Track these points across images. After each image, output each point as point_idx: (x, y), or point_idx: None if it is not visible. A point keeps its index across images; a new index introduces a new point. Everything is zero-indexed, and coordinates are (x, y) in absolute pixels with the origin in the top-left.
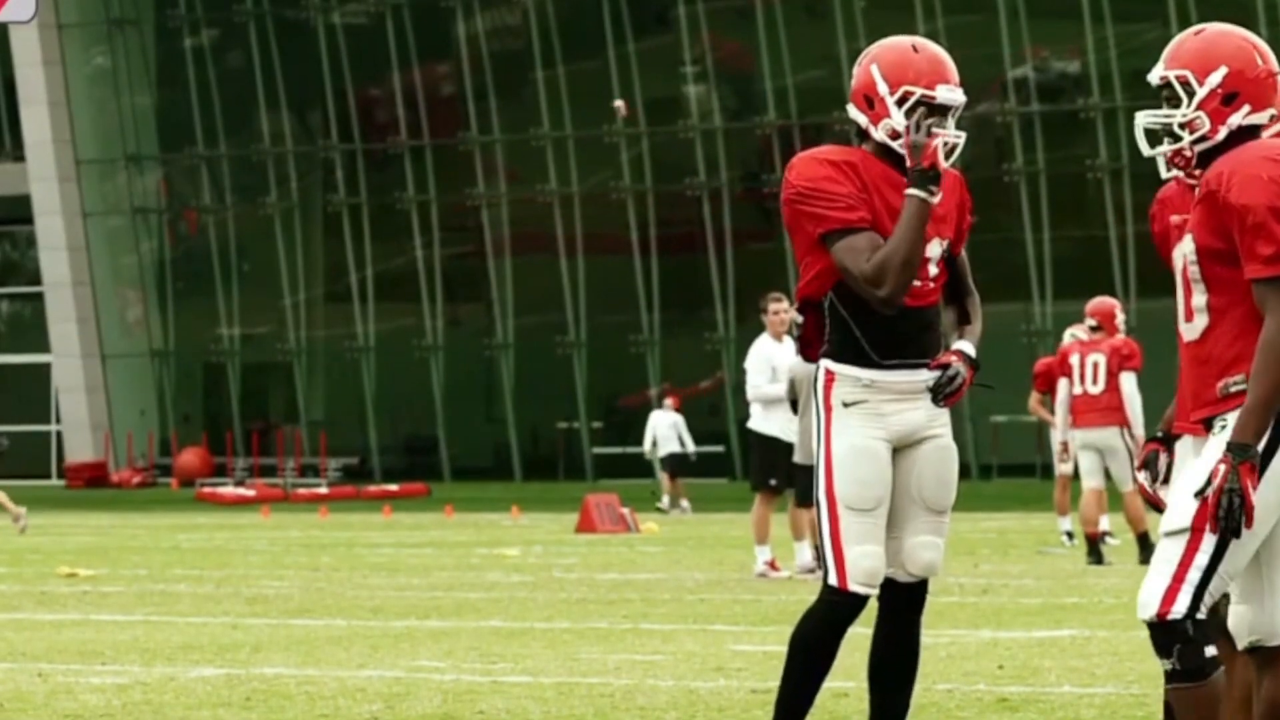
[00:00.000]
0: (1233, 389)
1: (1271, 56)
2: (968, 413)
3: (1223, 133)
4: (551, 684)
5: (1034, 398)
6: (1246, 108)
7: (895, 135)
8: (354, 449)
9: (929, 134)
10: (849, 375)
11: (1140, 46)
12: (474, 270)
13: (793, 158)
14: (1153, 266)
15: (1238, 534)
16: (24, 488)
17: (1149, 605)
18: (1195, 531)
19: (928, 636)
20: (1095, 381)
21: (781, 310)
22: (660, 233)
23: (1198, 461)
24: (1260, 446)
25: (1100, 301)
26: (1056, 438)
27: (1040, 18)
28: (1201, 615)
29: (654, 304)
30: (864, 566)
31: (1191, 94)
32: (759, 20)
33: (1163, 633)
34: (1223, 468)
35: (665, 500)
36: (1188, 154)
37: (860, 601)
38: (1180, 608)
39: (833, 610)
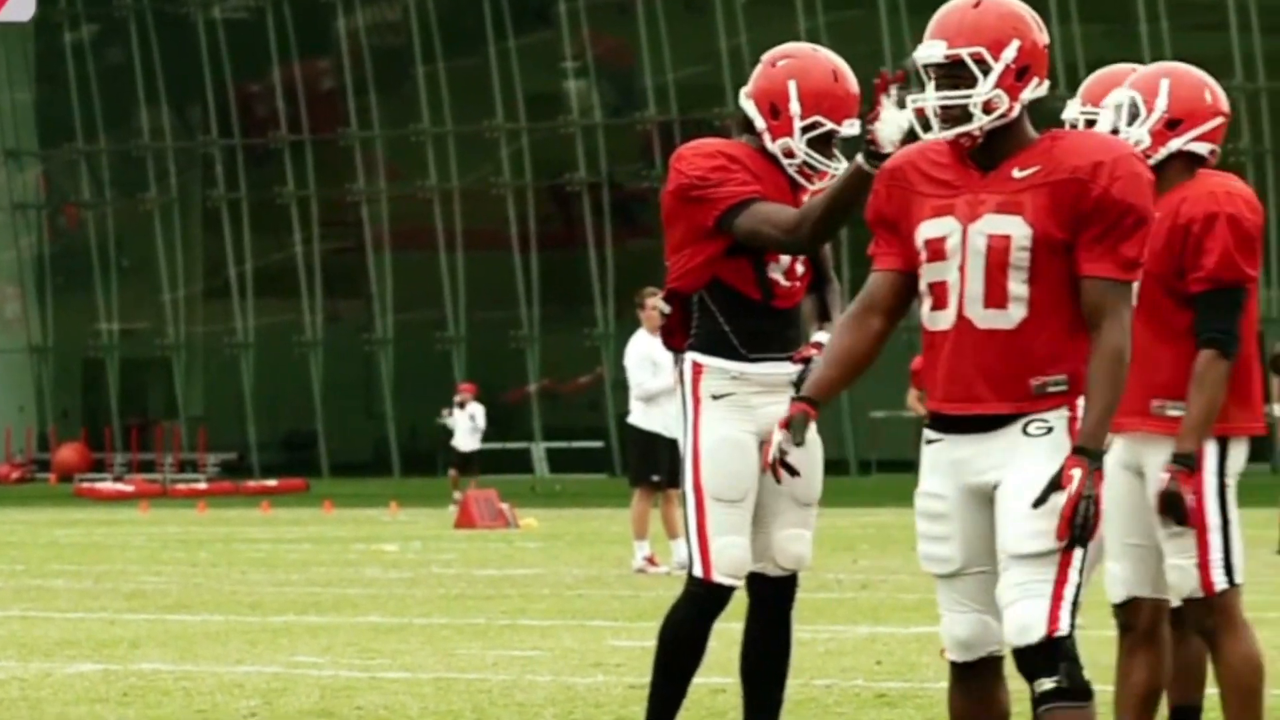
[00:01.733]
0: (1050, 389)
1: (1043, 26)
2: (846, 408)
3: (1017, 108)
4: (429, 680)
5: (912, 394)
6: (1035, 80)
7: (789, 154)
8: (233, 445)
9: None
10: (717, 368)
11: None
12: (353, 266)
13: (679, 149)
14: None
15: (1085, 542)
16: None
17: (1033, 629)
18: (1067, 550)
19: (806, 632)
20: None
21: (658, 306)
22: (540, 228)
23: (1030, 470)
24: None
25: None
26: None
27: (920, 13)
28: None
29: (534, 299)
30: (729, 557)
31: (987, 71)
32: (639, 16)
33: (1050, 651)
34: (1078, 473)
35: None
36: (976, 134)
37: (726, 593)
38: (1065, 625)
39: (698, 602)
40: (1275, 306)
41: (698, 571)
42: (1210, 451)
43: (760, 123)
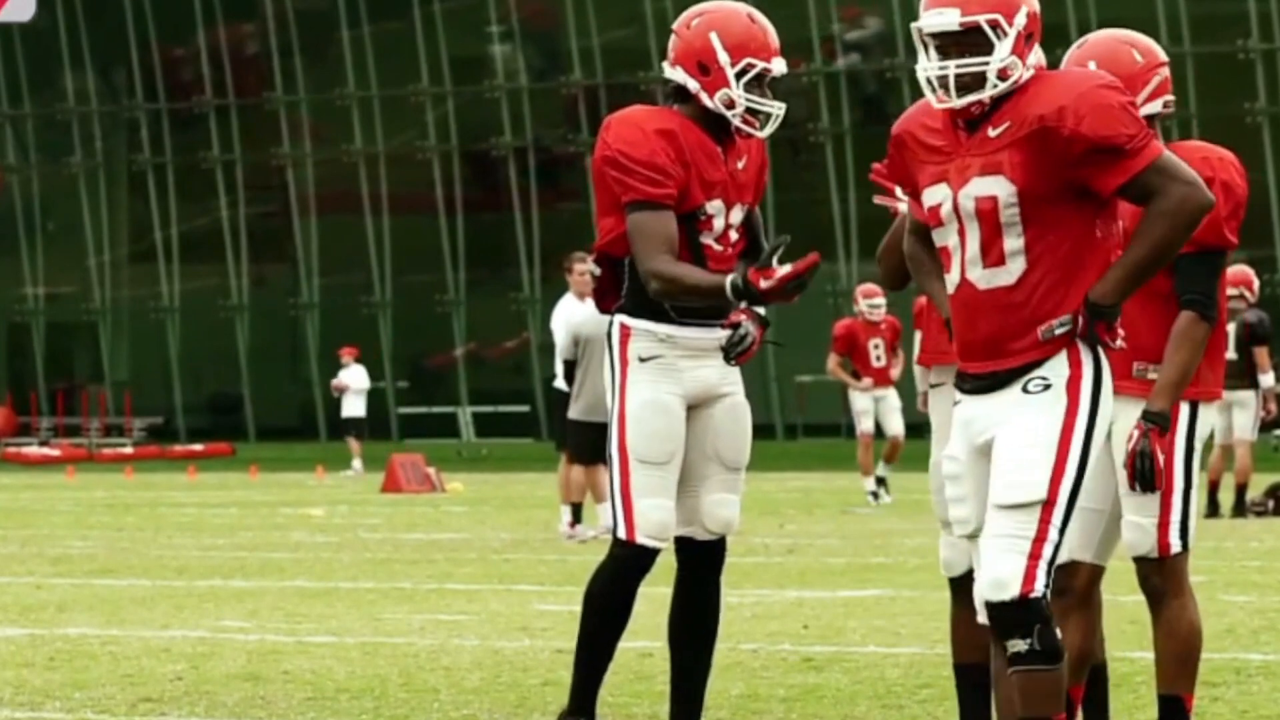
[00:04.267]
0: (1058, 331)
1: None
2: (773, 372)
3: (1026, 74)
4: (356, 644)
5: (833, 359)
6: (1037, 45)
7: (731, 104)
8: (159, 409)
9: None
10: (645, 330)
11: None
12: (279, 230)
13: (610, 116)
14: None
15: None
16: None
17: (1009, 585)
18: (1049, 504)
19: (733, 596)
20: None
21: (586, 270)
22: (466, 192)
23: (1021, 423)
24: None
25: None
26: (858, 399)
27: None
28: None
29: (459, 264)
30: (653, 519)
31: (1003, 37)
32: None
33: (1022, 611)
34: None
35: (358, 464)
36: (985, 101)
37: (650, 555)
38: (1040, 585)
39: (622, 564)
40: None
41: (621, 533)
42: (1181, 414)
43: (693, 84)
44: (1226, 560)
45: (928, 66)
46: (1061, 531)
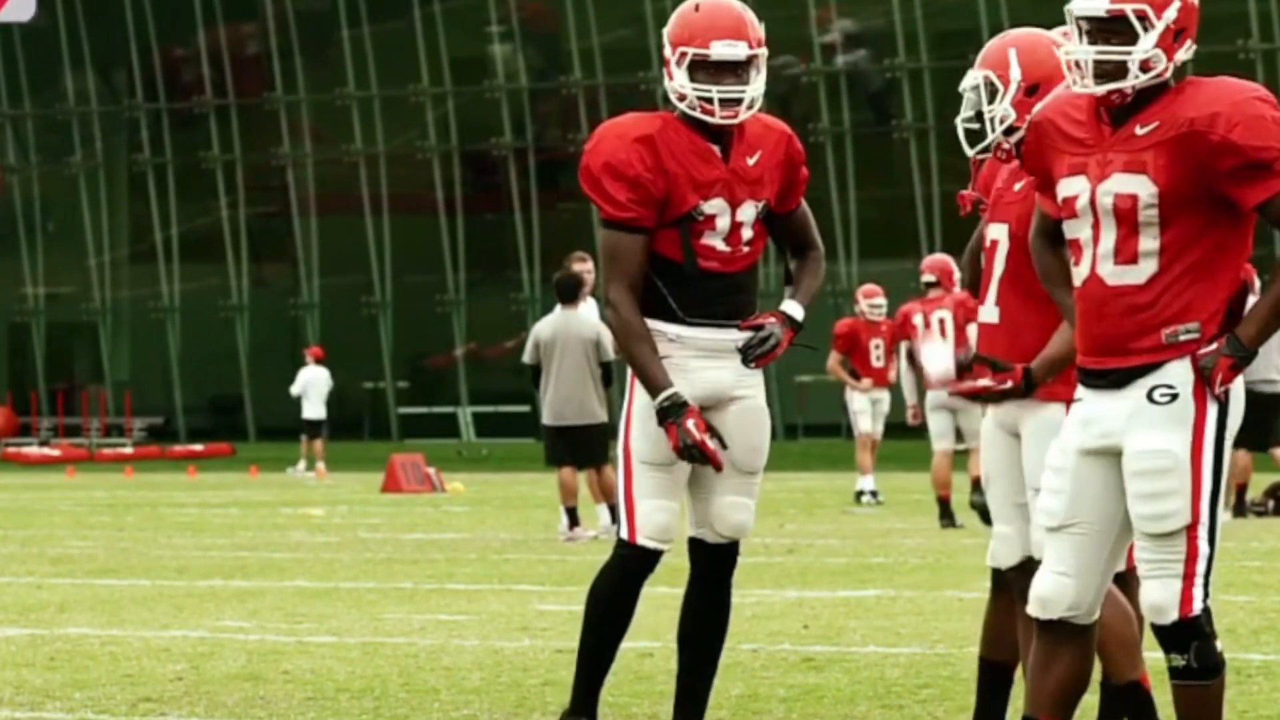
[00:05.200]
0: (1182, 337)
1: None
2: (774, 372)
3: (1170, 70)
4: (356, 644)
5: (833, 358)
6: (1189, 42)
7: (681, 97)
8: (159, 409)
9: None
10: (655, 330)
11: (947, 7)
12: (279, 230)
13: (601, 124)
14: (957, 226)
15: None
16: None
17: (1168, 611)
18: (1194, 525)
19: (733, 596)
20: (944, 339)
21: (586, 270)
22: (466, 193)
23: (1151, 443)
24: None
25: (936, 258)
26: (855, 399)
27: None
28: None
29: (460, 264)
30: (655, 521)
31: (1149, 29)
32: None
33: (1181, 631)
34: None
35: (302, 465)
36: (1127, 92)
37: (652, 556)
38: (1197, 604)
39: (625, 565)
40: None
41: (624, 534)
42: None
43: (667, 82)
44: (1226, 560)
45: (1073, 49)
46: (1212, 541)
